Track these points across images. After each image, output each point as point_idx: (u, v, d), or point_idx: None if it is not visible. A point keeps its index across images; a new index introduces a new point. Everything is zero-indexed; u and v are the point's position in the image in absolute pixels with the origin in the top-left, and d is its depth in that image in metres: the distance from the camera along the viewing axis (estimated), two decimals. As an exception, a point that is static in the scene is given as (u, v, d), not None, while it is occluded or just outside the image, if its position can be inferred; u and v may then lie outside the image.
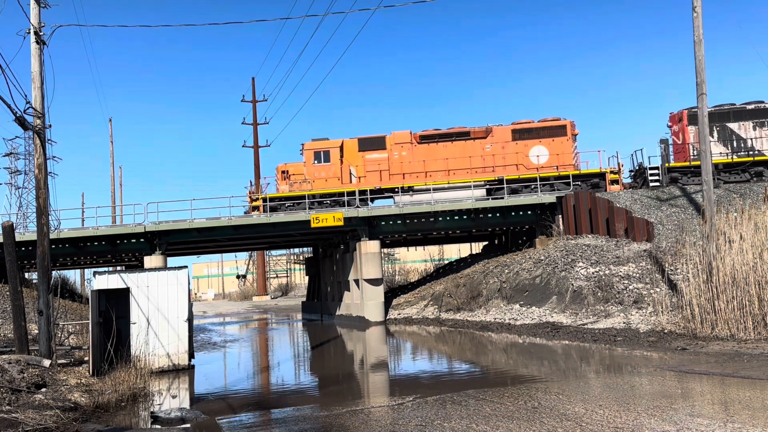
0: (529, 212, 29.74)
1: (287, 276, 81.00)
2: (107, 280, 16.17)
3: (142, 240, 30.00)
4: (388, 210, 29.33)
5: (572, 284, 21.96)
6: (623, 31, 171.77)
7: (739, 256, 15.62)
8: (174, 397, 13.13)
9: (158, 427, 10.05)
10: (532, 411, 9.30)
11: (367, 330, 26.67)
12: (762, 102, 29.49)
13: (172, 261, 39.51)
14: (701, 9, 19.29)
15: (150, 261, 29.22)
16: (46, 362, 13.60)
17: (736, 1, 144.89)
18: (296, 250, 68.56)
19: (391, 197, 30.72)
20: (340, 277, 33.98)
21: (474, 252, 43.78)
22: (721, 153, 28.87)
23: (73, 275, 54.74)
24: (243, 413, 11.00)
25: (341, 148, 31.33)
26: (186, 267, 16.57)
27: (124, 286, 16.11)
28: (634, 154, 30.04)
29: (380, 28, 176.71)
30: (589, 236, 26.04)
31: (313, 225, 28.56)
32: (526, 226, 31.31)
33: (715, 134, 29.02)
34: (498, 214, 29.79)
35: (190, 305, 17.05)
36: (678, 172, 28.47)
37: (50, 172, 18.21)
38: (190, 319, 16.66)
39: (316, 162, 30.86)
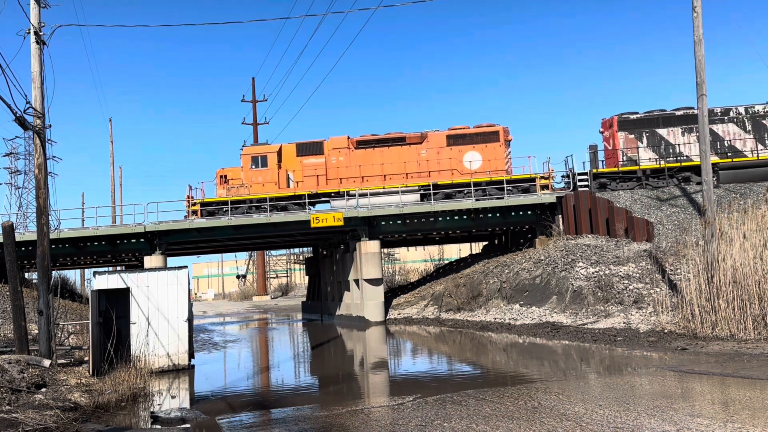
0: (529, 212, 29.75)
1: (287, 276, 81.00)
2: (107, 280, 16.17)
3: (142, 240, 30.00)
4: (388, 210, 29.34)
5: (572, 284, 21.96)
6: (612, 31, 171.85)
7: (740, 255, 15.62)
8: (174, 397, 13.13)
9: (158, 427, 10.05)
10: (532, 411, 9.30)
11: (367, 330, 26.67)
12: (691, 108, 29.88)
13: (172, 261, 39.50)
14: (701, 9, 19.29)
15: (150, 261, 29.22)
16: (46, 362, 13.60)
17: (736, 1, 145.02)
18: (296, 250, 68.55)
19: (328, 201, 30.97)
20: (340, 277, 33.98)
21: (474, 252, 43.76)
22: (650, 159, 29.37)
23: (73, 275, 54.75)
24: (243, 413, 11.00)
25: (279, 153, 31.56)
26: (186, 267, 16.57)
27: (124, 286, 16.11)
28: (567, 159, 30.69)
29: (380, 27, 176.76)
30: (589, 236, 26.04)
31: (313, 225, 28.57)
32: (526, 226, 31.32)
33: (645, 140, 29.52)
34: (498, 214, 29.80)
35: (190, 305, 17.05)
36: (606, 177, 28.97)
37: (50, 172, 18.21)
38: (190, 319, 16.66)
39: (253, 167, 31.07)
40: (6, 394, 10.75)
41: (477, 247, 45.11)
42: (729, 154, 28.96)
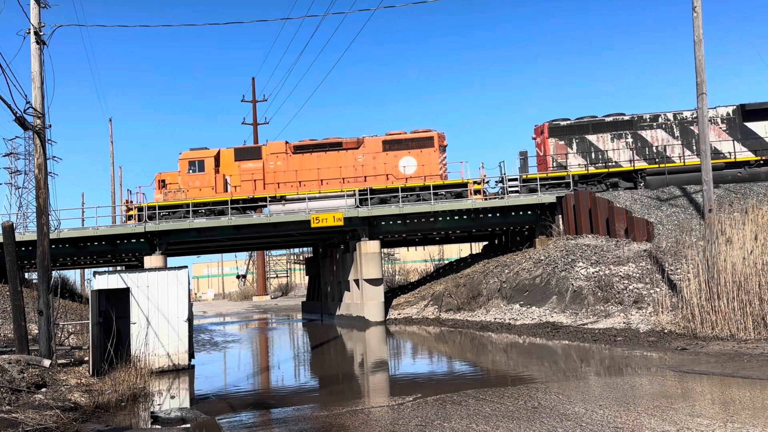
0: (529, 212, 29.75)
1: (287, 276, 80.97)
2: (107, 280, 16.17)
3: (142, 240, 30.01)
4: (388, 210, 29.35)
5: (572, 284, 21.96)
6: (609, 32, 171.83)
7: (740, 255, 15.61)
8: (174, 397, 13.13)
9: (158, 427, 10.04)
10: (532, 411, 9.30)
11: (367, 330, 26.67)
12: (622, 114, 30.20)
13: (172, 261, 39.52)
14: (701, 9, 19.29)
15: (150, 261, 29.22)
16: (46, 362, 13.60)
17: (736, 1, 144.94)
18: (296, 250, 68.52)
19: (265, 206, 31.07)
20: (340, 277, 33.99)
21: (474, 252, 43.77)
22: (579, 164, 29.76)
23: (73, 275, 54.72)
24: (243, 413, 11.00)
25: (216, 157, 31.67)
26: (186, 267, 16.57)
27: (124, 286, 16.11)
28: (501, 165, 31.22)
29: (380, 27, 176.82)
30: (589, 236, 26.04)
31: (313, 225, 28.57)
32: (526, 226, 31.33)
33: (575, 146, 29.92)
34: (498, 214, 29.80)
35: (190, 305, 17.05)
36: (535, 182, 29.30)
37: (50, 172, 18.21)
38: (190, 319, 16.66)
39: (190, 171, 31.14)
40: (6, 394, 10.75)
41: (477, 247, 45.12)
42: (657, 160, 29.48)
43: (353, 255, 30.69)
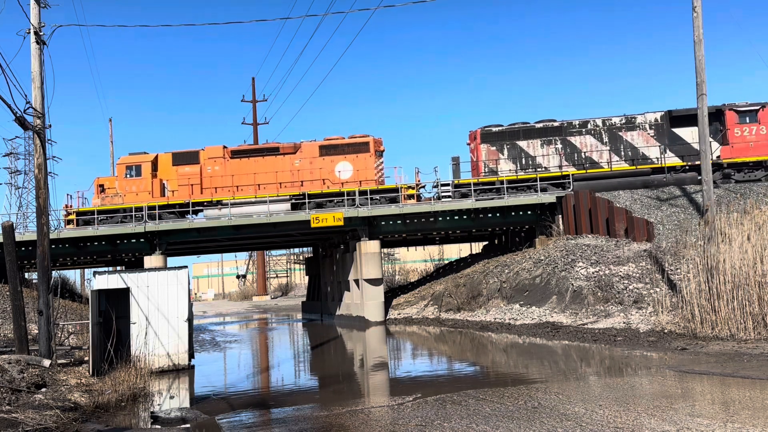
0: (529, 212, 29.75)
1: (287, 276, 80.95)
2: (107, 280, 16.17)
3: (142, 240, 30.01)
4: (388, 210, 29.36)
5: (572, 284, 21.96)
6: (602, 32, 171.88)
7: (740, 255, 15.61)
8: (174, 397, 13.14)
9: (158, 427, 10.05)
10: (532, 411, 9.31)
11: (367, 330, 26.68)
12: (553, 120, 30.52)
13: (172, 261, 39.51)
14: (701, 9, 19.30)
15: (150, 261, 29.22)
16: (46, 362, 13.60)
17: (736, 1, 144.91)
18: (296, 250, 68.52)
19: (201, 211, 31.12)
20: (340, 277, 33.99)
21: (474, 252, 43.75)
22: (510, 170, 30.13)
23: (73, 275, 54.66)
24: (243, 413, 11.01)
25: (153, 162, 31.69)
26: (186, 267, 16.57)
27: (124, 286, 16.11)
28: (435, 170, 31.71)
29: (381, 27, 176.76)
30: (589, 236, 26.04)
31: (313, 225, 28.58)
32: (526, 226, 31.34)
33: (506, 152, 30.30)
34: (498, 214, 29.81)
35: (190, 305, 17.05)
36: (466, 188, 29.58)
37: (50, 172, 18.22)
38: (190, 319, 16.66)
39: (128, 176, 31.16)
40: (6, 394, 10.75)
41: (477, 247, 45.11)
42: (586, 165, 29.83)
43: (353, 255, 30.70)
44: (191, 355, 17.01)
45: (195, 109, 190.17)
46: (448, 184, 29.79)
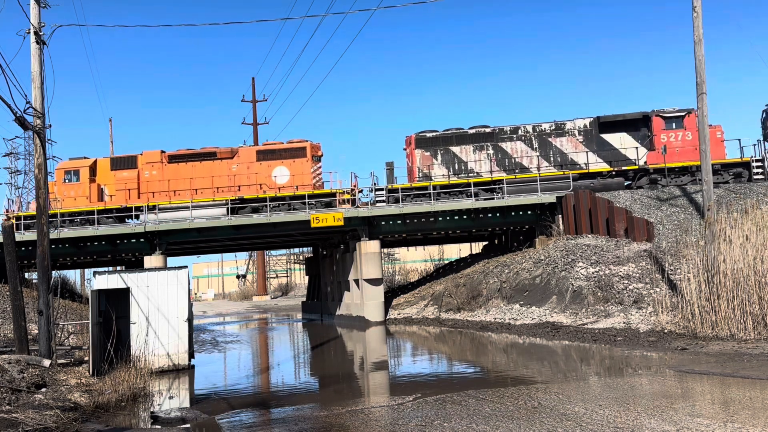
0: (529, 212, 29.76)
1: (287, 276, 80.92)
2: (107, 280, 16.18)
3: (142, 240, 30.02)
4: (388, 210, 29.37)
5: (572, 284, 21.96)
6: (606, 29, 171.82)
7: (740, 255, 15.61)
8: (174, 397, 13.14)
9: (158, 427, 10.05)
10: (532, 411, 9.31)
11: (367, 330, 26.68)
12: (486, 126, 30.90)
13: (172, 261, 39.53)
14: (701, 9, 19.30)
15: (150, 261, 29.23)
16: (46, 362, 13.60)
17: (736, 1, 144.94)
18: (296, 250, 68.52)
19: (138, 216, 31.17)
20: (340, 277, 34.00)
21: (474, 252, 43.76)
22: (443, 175, 30.43)
23: (73, 275, 54.71)
24: (243, 413, 11.01)
25: (92, 167, 31.79)
26: (186, 267, 16.57)
27: (124, 286, 16.11)
28: (372, 175, 32.07)
29: (381, 27, 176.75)
30: (589, 236, 26.04)
31: (313, 225, 28.59)
32: (526, 226, 31.36)
33: (440, 157, 30.70)
34: (498, 214, 29.82)
35: (190, 305, 17.06)
36: (401, 193, 29.87)
37: (50, 172, 18.25)
38: (190, 319, 16.66)
39: (66, 181, 31.23)
40: (6, 394, 10.75)
41: (477, 247, 45.11)
42: (516, 171, 30.27)
43: (353, 255, 30.70)
44: (191, 355, 17.01)
45: (195, 109, 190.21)
46: (382, 189, 30.14)
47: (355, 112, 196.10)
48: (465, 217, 29.93)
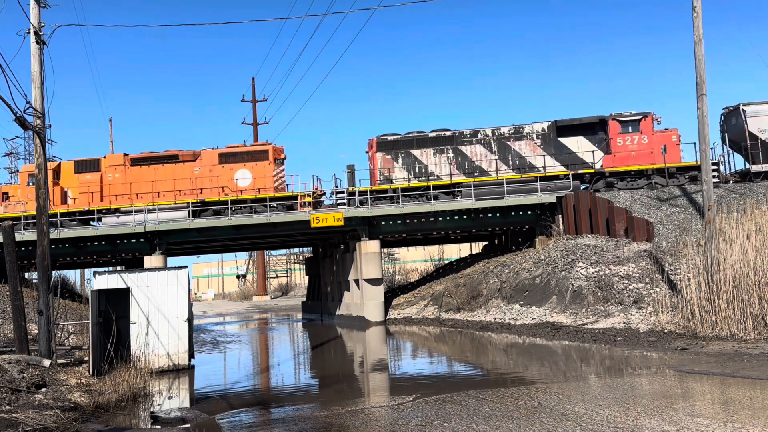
0: (529, 212, 29.77)
1: (287, 276, 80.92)
2: (107, 280, 16.18)
3: (142, 240, 30.03)
4: (388, 210, 29.38)
5: (572, 284, 21.97)
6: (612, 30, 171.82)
7: (740, 255, 15.61)
8: (174, 397, 13.14)
9: (158, 427, 10.05)
10: (532, 411, 9.31)
11: (367, 330, 26.68)
12: (446, 130, 31.17)
13: (172, 261, 39.52)
14: (701, 9, 19.29)
15: (150, 261, 29.24)
16: (46, 362, 13.60)
17: (736, 1, 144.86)
18: (296, 250, 68.51)
19: (100, 219, 31.27)
20: (340, 277, 34.00)
21: (474, 252, 43.76)
22: (404, 178, 30.69)
23: (73, 275, 54.66)
24: (243, 413, 11.01)
25: (56, 170, 31.84)
26: (186, 267, 16.58)
27: (124, 286, 16.11)
28: (333, 177, 32.56)
29: (382, 26, 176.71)
30: (589, 236, 26.04)
31: (313, 225, 28.60)
32: (526, 226, 31.37)
33: (401, 160, 30.91)
34: (498, 214, 29.83)
35: (190, 305, 17.06)
36: (362, 196, 30.14)
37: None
38: (190, 319, 16.66)
39: (30, 184, 31.11)
40: (6, 394, 10.76)
41: (477, 247, 45.12)
42: (475, 174, 30.46)
43: (353, 255, 30.71)
44: (191, 355, 17.01)
45: (195, 108, 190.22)
46: (343, 192, 30.36)
47: (354, 111, 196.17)
48: (465, 217, 29.94)
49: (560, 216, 28.35)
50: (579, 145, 30.14)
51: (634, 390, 10.52)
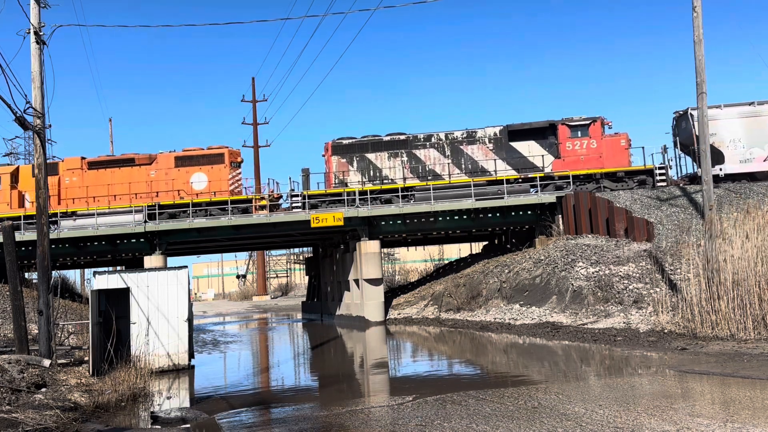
0: (529, 212, 29.77)
1: (287, 276, 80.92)
2: (107, 280, 16.17)
3: (142, 240, 30.03)
4: (388, 210, 29.39)
5: (572, 284, 21.96)
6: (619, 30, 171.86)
7: (740, 255, 15.61)
8: (174, 397, 13.13)
9: (158, 427, 10.04)
10: (532, 411, 9.31)
11: (367, 330, 26.68)
12: (401, 134, 31.39)
13: (172, 261, 39.54)
14: (701, 9, 19.30)
15: (150, 261, 29.25)
16: (46, 362, 13.60)
17: (736, 1, 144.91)
18: (296, 250, 68.52)
19: (56, 222, 31.18)
20: (340, 277, 34.00)
21: (474, 252, 43.76)
22: (359, 181, 30.90)
23: (73, 275, 54.68)
24: (243, 413, 11.01)
25: (14, 174, 31.92)
26: (186, 267, 16.57)
27: (124, 286, 16.11)
28: (290, 180, 32.57)
29: (382, 27, 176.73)
30: (589, 236, 26.04)
31: (313, 225, 28.60)
32: (526, 226, 31.37)
33: (355, 164, 31.14)
34: (498, 214, 29.83)
35: (190, 305, 17.06)
36: (316, 199, 30.37)
37: (50, 172, 18.24)
38: (190, 319, 16.66)
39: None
40: (6, 394, 10.75)
41: (477, 247, 45.13)
42: (429, 178, 30.64)
43: (353, 255, 30.71)
44: (191, 355, 17.01)
45: (195, 108, 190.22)
46: (298, 195, 30.51)
47: (355, 111, 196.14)
48: (465, 217, 29.94)
49: (560, 216, 28.35)
50: (530, 149, 30.48)
51: (634, 390, 10.52)
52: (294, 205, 30.50)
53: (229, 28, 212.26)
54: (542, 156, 30.08)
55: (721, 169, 27.70)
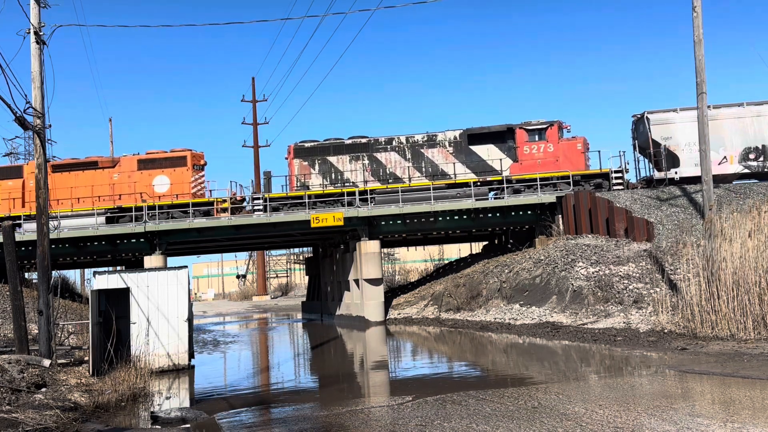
0: (529, 212, 29.77)
1: (287, 276, 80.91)
2: (107, 280, 16.17)
3: (142, 240, 30.03)
4: (388, 210, 29.39)
5: (572, 284, 21.96)
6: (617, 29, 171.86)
7: (740, 255, 15.61)
8: (174, 397, 13.13)
9: (158, 427, 10.05)
10: (532, 411, 9.31)
11: (367, 330, 26.68)
12: (362, 137, 31.68)
13: (172, 261, 39.54)
14: (701, 9, 19.31)
15: (150, 261, 29.24)
16: (46, 362, 13.60)
17: (736, 1, 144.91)
18: (296, 250, 68.52)
19: (20, 225, 31.28)
20: (340, 277, 34.00)
21: (474, 252, 43.77)
22: (321, 184, 31.17)
23: (73, 275, 54.74)
24: (243, 413, 11.01)
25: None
26: (186, 267, 16.57)
27: (124, 286, 16.11)
28: (251, 183, 33.21)
29: (382, 27, 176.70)
30: (589, 236, 26.04)
31: (313, 225, 28.60)
32: (526, 226, 31.38)
33: (317, 167, 31.41)
34: (498, 214, 29.83)
35: (190, 305, 17.06)
36: (277, 202, 30.52)
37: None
38: (190, 319, 16.66)
39: None
40: (6, 394, 10.76)
41: (477, 247, 45.14)
42: (390, 181, 31.00)
43: (353, 255, 30.71)
44: (191, 355, 17.01)
45: (195, 108, 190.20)
46: (259, 198, 30.63)
47: (355, 111, 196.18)
48: (465, 217, 29.95)
49: (560, 216, 28.35)
50: (489, 152, 30.71)
51: (634, 390, 10.52)
52: (255, 208, 30.66)
53: (229, 28, 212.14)
54: (500, 159, 30.41)
55: (676, 173, 27.95)
